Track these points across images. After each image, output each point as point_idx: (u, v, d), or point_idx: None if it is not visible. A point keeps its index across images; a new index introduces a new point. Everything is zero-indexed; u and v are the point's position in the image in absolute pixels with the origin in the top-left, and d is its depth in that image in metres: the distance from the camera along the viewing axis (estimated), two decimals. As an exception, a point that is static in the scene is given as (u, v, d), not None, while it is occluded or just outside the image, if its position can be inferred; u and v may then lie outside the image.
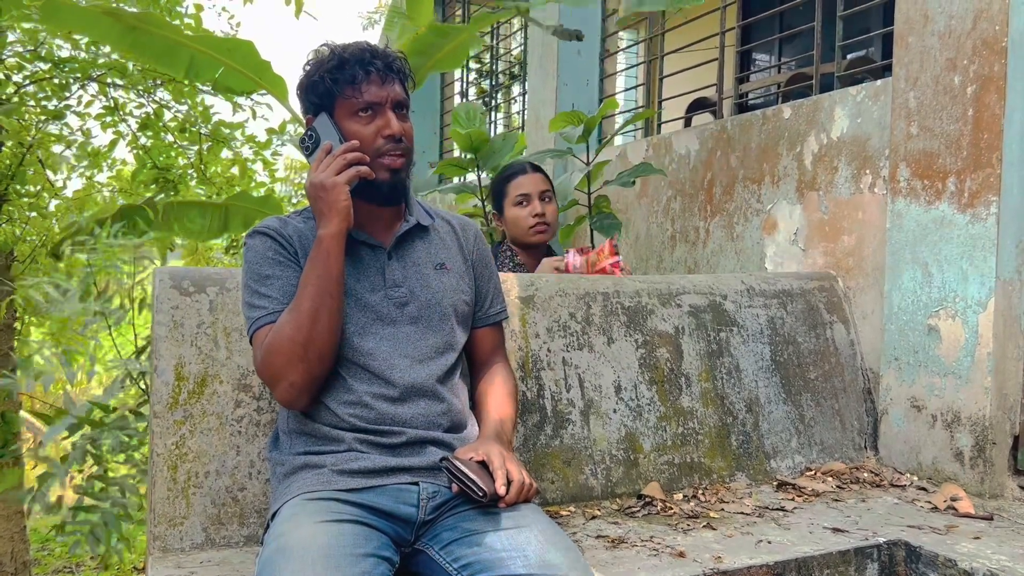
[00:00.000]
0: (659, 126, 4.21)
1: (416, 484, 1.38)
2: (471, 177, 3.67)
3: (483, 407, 1.57)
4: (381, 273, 1.49)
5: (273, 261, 1.45)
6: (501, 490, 1.30)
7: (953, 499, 1.97)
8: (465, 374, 1.62)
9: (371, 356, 1.43)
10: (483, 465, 1.35)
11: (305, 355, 1.37)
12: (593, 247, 2.99)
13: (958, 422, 2.10)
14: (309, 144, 1.48)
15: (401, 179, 1.48)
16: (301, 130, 1.64)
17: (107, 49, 5.56)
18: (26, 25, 4.93)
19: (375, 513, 1.33)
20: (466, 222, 1.67)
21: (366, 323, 1.46)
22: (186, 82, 5.44)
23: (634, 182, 3.08)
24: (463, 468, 1.31)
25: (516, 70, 6.53)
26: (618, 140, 3.83)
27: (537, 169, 2.70)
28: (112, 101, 6.03)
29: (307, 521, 1.26)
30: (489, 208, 3.13)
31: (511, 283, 2.07)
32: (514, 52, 6.78)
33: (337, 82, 1.45)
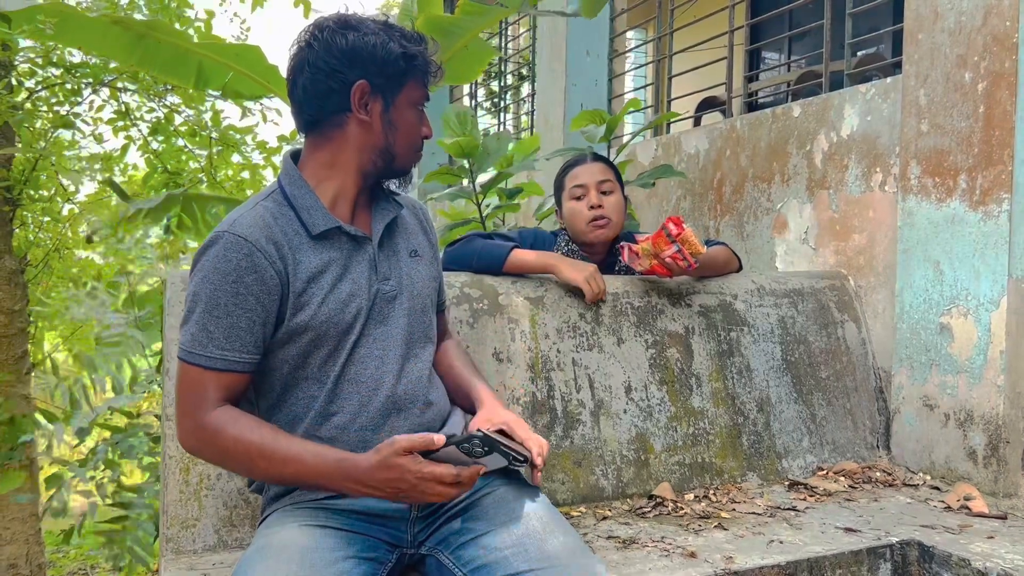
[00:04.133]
0: (668, 125, 4.20)
1: None
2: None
3: (461, 375, 1.53)
4: (373, 266, 1.40)
5: (233, 292, 1.27)
6: (538, 461, 1.31)
7: (966, 498, 1.96)
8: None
9: (363, 364, 1.36)
10: (503, 433, 1.32)
11: (233, 470, 1.36)
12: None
13: (971, 421, 2.09)
14: (476, 452, 1.21)
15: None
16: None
17: (118, 53, 5.60)
18: (30, 42, 4.96)
19: (363, 517, 1.32)
20: (417, 202, 1.58)
21: (361, 330, 1.37)
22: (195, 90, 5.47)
23: (653, 184, 3.06)
24: (499, 439, 1.24)
25: (524, 71, 6.53)
26: (626, 139, 3.82)
27: (599, 159, 2.41)
28: (123, 106, 6.06)
29: (291, 524, 1.26)
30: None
31: (521, 284, 2.08)
32: (522, 52, 6.78)
33: (414, 65, 1.36)
